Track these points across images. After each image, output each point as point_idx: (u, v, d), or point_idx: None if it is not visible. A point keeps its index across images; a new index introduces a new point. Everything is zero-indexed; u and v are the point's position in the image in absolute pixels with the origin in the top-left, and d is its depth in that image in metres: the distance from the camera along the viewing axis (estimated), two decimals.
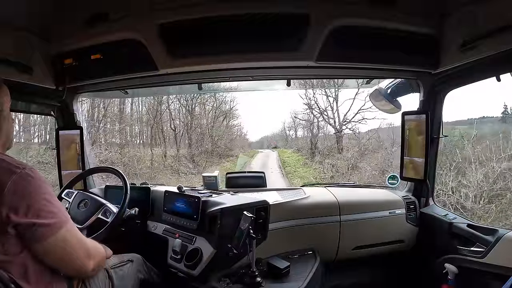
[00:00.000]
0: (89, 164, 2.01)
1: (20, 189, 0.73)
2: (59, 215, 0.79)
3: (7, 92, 0.90)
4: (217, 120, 12.88)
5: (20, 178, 0.74)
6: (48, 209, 0.77)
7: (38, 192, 0.76)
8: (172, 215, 1.61)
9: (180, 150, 11.35)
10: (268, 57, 1.47)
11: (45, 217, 0.76)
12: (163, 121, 11.67)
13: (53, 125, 2.04)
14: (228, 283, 1.34)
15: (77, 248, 0.83)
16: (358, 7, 1.39)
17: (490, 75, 1.39)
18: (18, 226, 0.73)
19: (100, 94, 2.79)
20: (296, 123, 13.73)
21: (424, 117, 1.70)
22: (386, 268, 1.92)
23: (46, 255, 0.78)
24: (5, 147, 0.90)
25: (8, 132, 0.90)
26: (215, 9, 1.38)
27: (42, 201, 0.76)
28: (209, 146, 11.96)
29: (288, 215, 1.67)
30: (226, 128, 13.29)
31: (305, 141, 12.85)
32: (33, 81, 1.51)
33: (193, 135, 11.92)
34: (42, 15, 1.45)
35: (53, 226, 0.77)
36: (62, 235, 0.79)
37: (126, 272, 1.25)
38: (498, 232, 1.38)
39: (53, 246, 0.78)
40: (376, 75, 1.78)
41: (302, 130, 13.83)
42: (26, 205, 0.73)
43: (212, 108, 12.78)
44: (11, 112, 0.93)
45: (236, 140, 13.92)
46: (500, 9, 1.14)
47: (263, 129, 21.38)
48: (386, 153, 9.03)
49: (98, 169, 1.74)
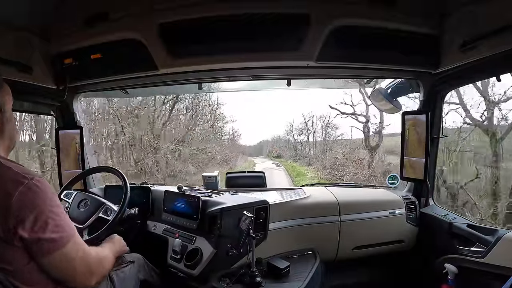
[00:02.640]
0: (89, 164, 2.01)
1: (27, 201, 0.72)
2: (66, 229, 0.78)
3: (9, 92, 0.88)
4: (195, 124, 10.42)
5: (28, 189, 0.73)
6: (55, 223, 0.76)
7: (46, 204, 0.75)
8: (172, 215, 1.61)
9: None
10: (268, 57, 1.48)
11: (51, 232, 0.75)
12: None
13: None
14: (228, 283, 1.34)
15: (81, 264, 0.82)
16: (358, 7, 1.39)
17: (490, 75, 1.40)
18: (24, 240, 0.72)
19: (100, 94, 2.79)
20: (315, 125, 10.89)
21: (424, 117, 1.70)
22: (386, 268, 1.91)
23: (51, 269, 0.78)
24: (10, 149, 0.89)
25: (11, 133, 0.89)
26: (215, 9, 1.38)
27: (49, 214, 0.75)
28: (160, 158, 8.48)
29: (288, 215, 1.67)
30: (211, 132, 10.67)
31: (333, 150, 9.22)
32: (33, 81, 1.51)
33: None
34: (42, 15, 1.45)
35: (59, 241, 0.76)
36: (68, 250, 0.78)
37: (127, 273, 1.24)
38: (498, 232, 1.38)
39: (58, 261, 0.77)
40: (376, 75, 1.78)
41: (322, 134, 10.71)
42: (33, 218, 0.72)
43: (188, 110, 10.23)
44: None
45: (223, 146, 11.10)
46: (500, 9, 1.14)
47: (262, 132, 18.71)
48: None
49: (98, 169, 1.74)
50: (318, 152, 11.11)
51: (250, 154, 12.33)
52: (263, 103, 18.53)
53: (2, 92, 0.85)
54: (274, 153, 12.29)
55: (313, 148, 11.32)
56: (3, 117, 0.85)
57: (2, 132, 0.84)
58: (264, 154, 12.44)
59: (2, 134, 0.85)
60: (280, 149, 12.25)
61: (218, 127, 11.26)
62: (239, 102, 16.29)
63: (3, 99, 0.85)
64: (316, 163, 10.32)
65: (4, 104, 0.85)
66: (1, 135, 0.85)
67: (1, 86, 0.86)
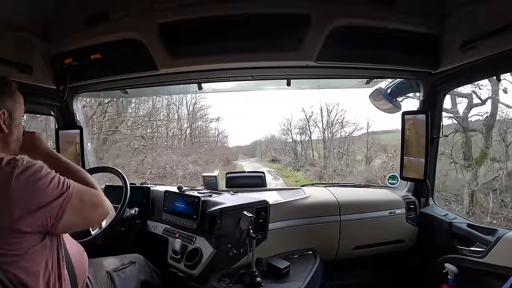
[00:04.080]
0: (89, 163, 2.01)
1: (25, 183, 0.72)
2: (64, 185, 0.79)
3: (20, 100, 0.89)
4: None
5: (22, 172, 0.73)
6: (53, 185, 0.76)
7: (42, 176, 0.75)
8: (172, 215, 1.61)
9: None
10: (268, 56, 1.48)
11: (55, 194, 0.76)
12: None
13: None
14: (228, 283, 1.34)
15: (89, 206, 0.85)
16: (358, 7, 1.39)
17: (490, 75, 1.40)
18: (35, 215, 0.72)
19: (100, 94, 2.79)
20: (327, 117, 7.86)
21: (424, 117, 1.70)
22: (386, 268, 1.91)
23: (69, 226, 0.81)
24: (15, 154, 0.90)
25: (18, 138, 0.90)
26: (215, 9, 1.38)
27: (47, 181, 0.76)
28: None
29: (288, 215, 1.67)
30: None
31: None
32: (33, 81, 1.51)
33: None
34: (42, 15, 1.45)
35: (65, 195, 0.77)
36: (74, 200, 0.79)
37: (129, 274, 1.25)
38: (498, 232, 1.38)
39: (72, 214, 0.78)
40: (376, 75, 1.78)
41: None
42: (37, 197, 0.73)
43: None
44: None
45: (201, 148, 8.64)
46: (500, 9, 1.14)
47: (255, 131, 15.90)
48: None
49: (98, 169, 1.74)
50: (331, 156, 8.08)
51: (240, 157, 10.18)
52: (254, 99, 16.33)
53: (13, 99, 0.86)
54: (268, 156, 9.83)
55: (322, 150, 8.48)
56: (12, 123, 0.85)
57: (9, 138, 0.85)
58: (257, 155, 10.22)
59: (9, 140, 0.86)
60: (275, 151, 9.74)
61: (197, 127, 9.24)
62: (228, 99, 14.64)
63: (14, 106, 0.86)
64: (335, 176, 7.24)
65: (14, 111, 0.86)
66: (7, 141, 0.86)
67: (14, 93, 0.87)
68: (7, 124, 0.83)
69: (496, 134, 5.01)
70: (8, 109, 0.83)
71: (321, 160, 8.15)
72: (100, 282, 1.10)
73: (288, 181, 7.78)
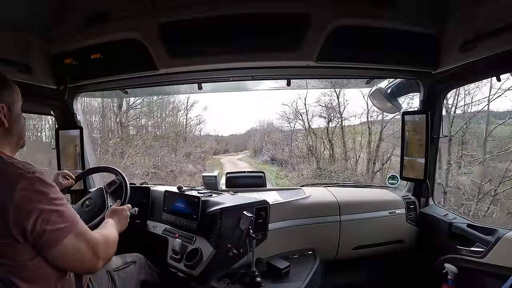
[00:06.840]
0: (89, 163, 2.01)
1: (30, 196, 0.72)
2: (70, 218, 0.78)
3: (18, 92, 0.89)
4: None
5: (30, 184, 0.73)
6: (59, 213, 0.76)
7: (48, 197, 0.75)
8: (172, 215, 1.61)
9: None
10: (268, 56, 1.48)
11: (56, 222, 0.75)
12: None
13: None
14: (228, 283, 1.34)
15: (88, 250, 0.82)
16: (358, 7, 1.39)
17: (490, 75, 1.40)
18: (30, 234, 0.72)
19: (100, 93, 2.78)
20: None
21: (424, 117, 1.70)
22: (386, 268, 1.91)
23: (59, 259, 0.78)
24: (18, 147, 0.90)
25: (20, 132, 0.90)
26: (215, 9, 1.38)
27: (52, 206, 0.75)
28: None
29: (288, 215, 1.67)
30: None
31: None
32: (34, 81, 1.52)
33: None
34: (42, 15, 1.45)
35: (65, 230, 0.76)
36: (74, 238, 0.78)
37: (129, 274, 1.25)
38: (498, 232, 1.38)
39: (65, 250, 0.77)
40: (376, 75, 1.78)
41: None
42: (37, 211, 0.72)
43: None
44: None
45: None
46: (500, 9, 1.14)
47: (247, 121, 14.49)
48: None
49: (98, 168, 1.74)
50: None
51: (227, 151, 8.45)
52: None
53: (11, 91, 0.86)
54: (262, 152, 7.20)
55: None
56: (11, 116, 0.85)
57: (10, 131, 0.85)
58: (249, 149, 8.13)
59: (11, 132, 0.86)
60: (275, 147, 7.23)
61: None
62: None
63: (12, 98, 0.86)
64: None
65: (12, 104, 0.86)
66: (9, 134, 0.86)
67: (10, 86, 0.86)
68: (7, 117, 0.83)
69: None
70: (6, 102, 0.83)
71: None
72: (100, 281, 1.11)
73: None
